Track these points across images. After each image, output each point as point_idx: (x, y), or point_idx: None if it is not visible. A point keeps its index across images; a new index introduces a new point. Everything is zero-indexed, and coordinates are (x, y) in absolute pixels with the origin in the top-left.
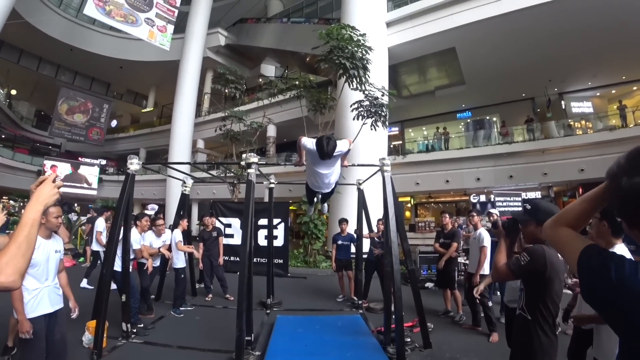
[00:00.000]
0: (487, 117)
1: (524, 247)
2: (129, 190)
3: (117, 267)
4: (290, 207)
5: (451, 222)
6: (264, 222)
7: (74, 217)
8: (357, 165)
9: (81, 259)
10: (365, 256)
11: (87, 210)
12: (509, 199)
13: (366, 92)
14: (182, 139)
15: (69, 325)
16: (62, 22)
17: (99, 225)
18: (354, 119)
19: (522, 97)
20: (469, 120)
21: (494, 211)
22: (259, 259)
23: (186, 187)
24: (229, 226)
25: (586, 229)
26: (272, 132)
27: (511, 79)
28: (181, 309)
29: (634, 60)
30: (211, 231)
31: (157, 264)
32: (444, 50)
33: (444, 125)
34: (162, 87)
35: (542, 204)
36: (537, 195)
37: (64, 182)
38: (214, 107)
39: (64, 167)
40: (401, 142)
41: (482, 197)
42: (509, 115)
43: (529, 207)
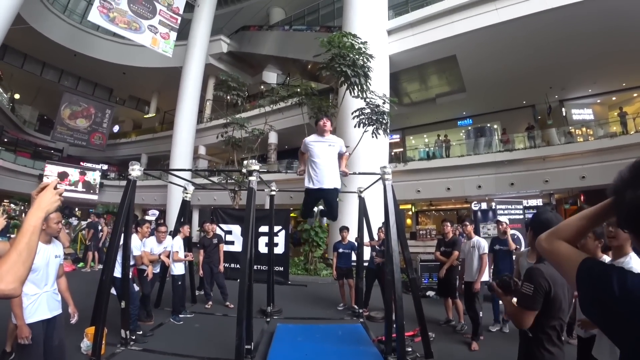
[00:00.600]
0: (488, 125)
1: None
2: (130, 195)
3: (117, 273)
4: (291, 215)
5: (452, 231)
6: (264, 229)
7: (74, 221)
8: (358, 173)
9: (81, 264)
10: (366, 264)
11: (87, 214)
12: (510, 207)
13: (367, 100)
14: (183, 145)
15: (68, 331)
16: (66, 28)
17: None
18: (355, 127)
19: (522, 104)
20: (469, 127)
21: (503, 219)
22: (259, 266)
23: (187, 193)
24: (230, 233)
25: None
26: (273, 138)
27: (512, 86)
28: (180, 316)
29: (633, 67)
30: (212, 238)
31: (157, 270)
32: (444, 57)
33: (444, 132)
34: (164, 93)
35: (541, 216)
36: (538, 202)
37: (66, 187)
38: (215, 113)
39: (74, 174)
40: (402, 149)
41: (484, 205)
42: (509, 122)
43: (531, 217)
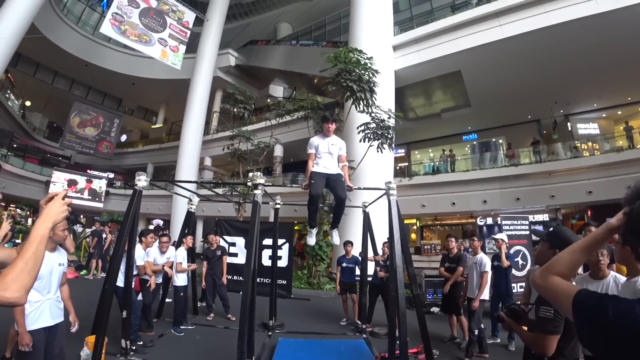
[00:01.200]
0: (493, 139)
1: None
2: (136, 206)
3: (120, 282)
4: (295, 228)
5: (457, 246)
6: (268, 242)
7: (79, 228)
8: (362, 188)
9: (84, 272)
10: (369, 279)
11: (92, 222)
12: (515, 222)
13: (373, 115)
14: (190, 155)
15: (68, 339)
16: (78, 39)
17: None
18: (360, 141)
19: (527, 119)
20: (475, 142)
21: (499, 236)
22: (262, 279)
23: (192, 204)
24: (234, 245)
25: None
26: (278, 151)
27: (517, 101)
28: (182, 327)
29: (639, 80)
30: (215, 250)
31: (159, 280)
32: (449, 73)
33: (450, 147)
34: (172, 104)
35: (562, 232)
36: (545, 217)
37: (72, 194)
38: (222, 125)
39: (81, 182)
40: (407, 164)
41: (489, 220)
42: (515, 137)
43: (551, 229)
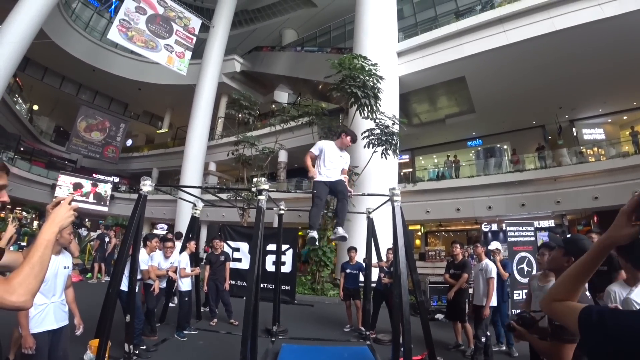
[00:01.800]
0: (498, 145)
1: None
2: (141, 210)
3: (124, 286)
4: (299, 233)
5: (462, 252)
6: (272, 247)
7: (84, 232)
8: (367, 194)
9: (88, 275)
10: (373, 285)
11: (97, 226)
12: (521, 229)
13: (377, 121)
14: (194, 160)
15: (71, 342)
16: (86, 44)
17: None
18: (365, 147)
19: (532, 124)
20: (479, 148)
21: (494, 246)
22: (265, 284)
23: (197, 210)
24: (237, 250)
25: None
26: (283, 157)
27: (521, 107)
28: (185, 332)
29: None
30: (219, 255)
31: (163, 285)
32: (453, 79)
33: (454, 153)
34: (177, 109)
35: (580, 241)
36: (550, 223)
37: (78, 198)
38: (227, 130)
39: (86, 185)
40: (411, 169)
41: (494, 226)
42: (519, 143)
43: (569, 236)
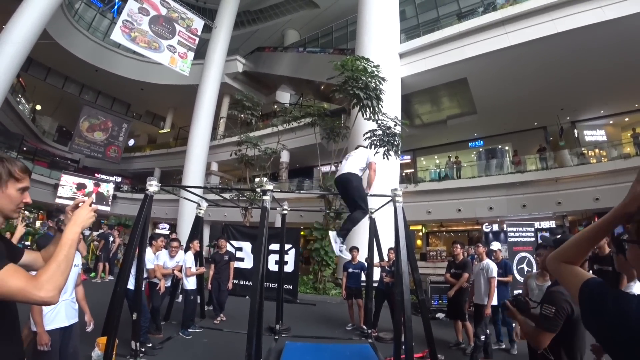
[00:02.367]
0: (499, 146)
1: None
2: (147, 210)
3: (130, 285)
4: (301, 233)
5: (462, 252)
6: (275, 247)
7: (86, 231)
8: (369, 195)
9: (92, 274)
10: (375, 285)
11: (99, 225)
12: (521, 229)
13: (379, 122)
14: (196, 160)
15: (80, 339)
16: (89, 45)
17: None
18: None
19: (534, 126)
20: (481, 149)
21: (495, 247)
22: (268, 284)
23: (201, 209)
24: (240, 250)
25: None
26: (285, 157)
27: (523, 108)
28: (189, 330)
29: None
30: (223, 254)
31: (168, 284)
32: (455, 80)
33: (456, 154)
34: (179, 109)
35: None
36: (551, 224)
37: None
38: (229, 131)
39: (89, 185)
40: (413, 170)
41: (495, 227)
42: (521, 144)
43: (559, 236)
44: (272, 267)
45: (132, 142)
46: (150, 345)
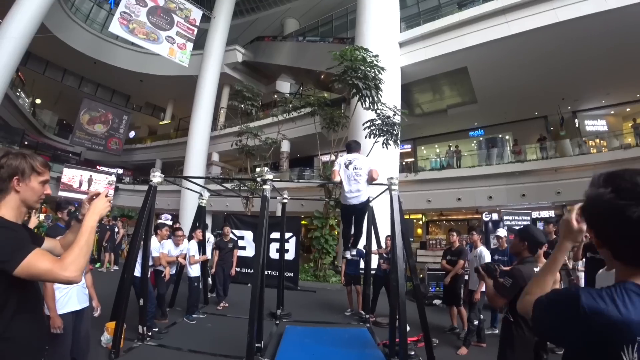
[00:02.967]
0: (500, 136)
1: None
2: (151, 201)
3: (137, 272)
4: (302, 222)
5: (459, 240)
6: (275, 235)
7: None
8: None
9: (97, 264)
10: (373, 272)
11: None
12: (517, 218)
13: (378, 112)
14: (197, 151)
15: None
16: (87, 37)
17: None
18: (366, 137)
19: (535, 115)
20: (481, 138)
21: (501, 233)
22: (269, 271)
23: (203, 199)
24: (242, 238)
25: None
26: (285, 147)
27: (524, 98)
28: (194, 316)
29: None
30: (228, 242)
31: (173, 271)
32: (455, 69)
33: (456, 143)
34: (179, 100)
35: (530, 229)
36: (550, 214)
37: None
38: (229, 121)
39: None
40: (413, 159)
41: (494, 216)
42: (521, 133)
43: (522, 227)
44: (274, 255)
45: (132, 134)
46: (156, 330)
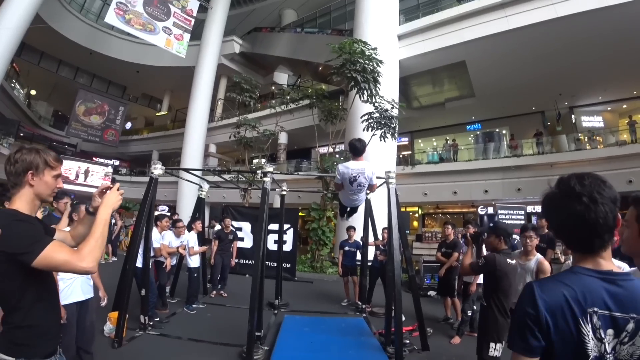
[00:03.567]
0: (497, 130)
1: (481, 255)
2: (152, 192)
3: (139, 263)
4: (299, 214)
5: (453, 233)
6: (273, 227)
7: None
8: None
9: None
10: (370, 263)
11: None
12: (511, 212)
13: (376, 105)
14: (194, 143)
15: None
16: (82, 27)
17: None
18: (363, 130)
19: (532, 110)
20: (478, 132)
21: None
22: (268, 262)
23: (202, 191)
24: (240, 230)
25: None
26: (283, 139)
27: (521, 93)
28: (194, 306)
29: None
30: (228, 233)
31: (173, 262)
32: (454, 63)
33: (453, 136)
34: (176, 91)
35: (501, 225)
36: None
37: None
38: (226, 112)
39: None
40: (410, 152)
41: (490, 209)
42: (518, 128)
43: (492, 224)
44: (272, 246)
45: (129, 125)
46: (157, 319)
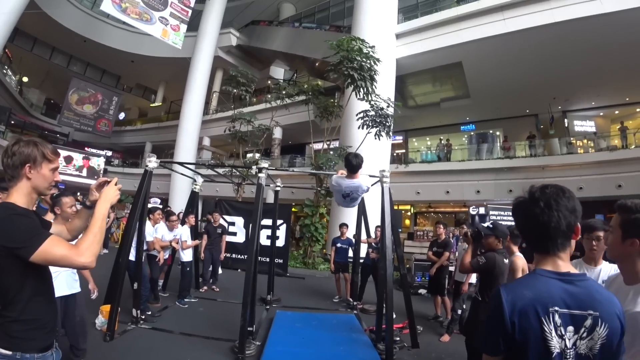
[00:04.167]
0: (490, 131)
1: (481, 253)
2: (147, 186)
3: (131, 256)
4: (292, 210)
5: (445, 233)
6: (267, 222)
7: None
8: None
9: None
10: (362, 260)
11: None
12: (502, 213)
13: (372, 103)
14: (189, 135)
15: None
16: (77, 14)
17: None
18: (359, 128)
19: (525, 113)
20: (472, 133)
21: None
22: (260, 257)
23: (196, 185)
24: (233, 224)
25: None
26: (277, 134)
27: (516, 95)
28: (186, 300)
29: (637, 81)
30: (217, 227)
31: (166, 256)
32: (450, 64)
33: (447, 136)
34: (171, 83)
35: (499, 226)
36: None
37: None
38: (221, 105)
39: (78, 159)
40: (404, 151)
41: (482, 210)
42: (511, 130)
43: (491, 226)
44: (264, 241)
45: (122, 116)
46: (149, 313)
